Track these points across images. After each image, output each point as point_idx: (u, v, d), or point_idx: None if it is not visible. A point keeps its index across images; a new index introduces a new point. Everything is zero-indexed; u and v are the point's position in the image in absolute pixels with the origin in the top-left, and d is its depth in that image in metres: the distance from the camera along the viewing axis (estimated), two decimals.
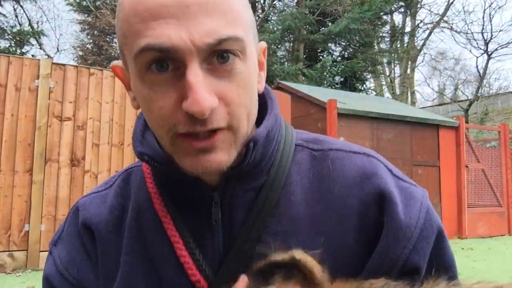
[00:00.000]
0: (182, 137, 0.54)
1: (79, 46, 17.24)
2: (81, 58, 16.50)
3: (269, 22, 14.71)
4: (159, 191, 0.65)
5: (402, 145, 7.18)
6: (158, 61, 0.52)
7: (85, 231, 0.67)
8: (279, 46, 15.37)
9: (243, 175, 0.61)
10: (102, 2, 14.45)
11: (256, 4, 15.14)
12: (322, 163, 0.65)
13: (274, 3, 15.79)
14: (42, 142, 5.06)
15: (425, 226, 0.59)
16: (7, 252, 4.80)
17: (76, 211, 0.70)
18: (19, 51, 15.86)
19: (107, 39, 16.66)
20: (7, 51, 14.35)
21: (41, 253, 4.93)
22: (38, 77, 5.12)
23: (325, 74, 13.63)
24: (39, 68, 5.13)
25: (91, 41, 16.94)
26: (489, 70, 21.29)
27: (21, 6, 17.11)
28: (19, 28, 16.90)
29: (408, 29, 19.96)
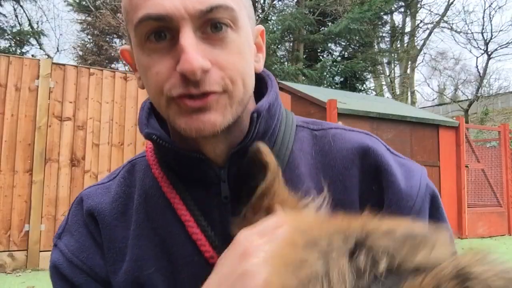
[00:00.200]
0: (177, 98, 0.57)
1: (79, 46, 17.24)
2: (81, 58, 16.50)
3: (269, 22, 14.71)
4: (165, 175, 0.66)
5: (402, 145, 7.18)
6: (156, 31, 0.56)
7: (90, 219, 0.68)
8: (279, 46, 15.37)
9: (247, 152, 0.63)
10: (102, 2, 14.45)
11: (256, 4, 15.14)
12: (323, 139, 0.69)
13: (274, 3, 15.79)
14: (42, 142, 5.06)
15: (425, 195, 0.63)
16: (7, 252, 4.80)
17: (80, 201, 0.71)
18: (19, 51, 15.87)
19: (107, 39, 16.67)
20: (7, 51, 14.35)
21: (41, 253, 4.93)
22: (38, 77, 5.12)
23: (325, 74, 13.63)
24: (39, 68, 5.13)
25: (91, 41, 16.94)
26: (489, 70, 21.30)
27: (21, 6, 17.11)
28: (19, 28, 16.91)
29: (408, 29, 19.97)
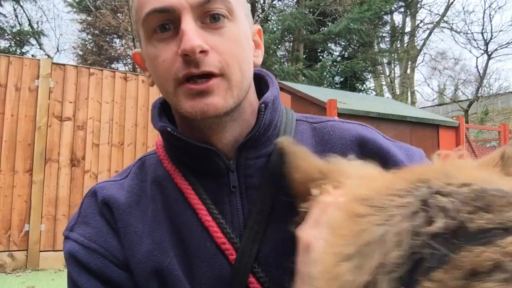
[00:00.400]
0: (182, 83, 0.62)
1: (79, 46, 17.25)
2: (81, 58, 16.51)
3: (269, 22, 14.71)
4: (177, 168, 0.71)
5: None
6: (161, 25, 0.63)
7: (106, 208, 0.70)
8: (279, 46, 15.37)
9: (254, 143, 0.68)
10: (102, 2, 14.45)
11: (256, 4, 15.13)
12: (322, 130, 0.73)
13: (274, 3, 15.79)
14: (42, 142, 5.06)
15: None
16: (7, 252, 4.80)
17: (94, 193, 0.73)
18: (19, 51, 15.87)
19: (107, 39, 16.67)
20: (7, 51, 14.35)
21: (41, 253, 4.93)
22: (38, 77, 5.12)
23: (325, 74, 13.64)
24: (39, 68, 5.13)
25: (91, 41, 16.94)
26: (489, 70, 21.31)
27: (21, 6, 17.11)
28: (19, 28, 16.91)
29: (408, 29, 19.97)
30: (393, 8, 17.44)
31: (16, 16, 17.32)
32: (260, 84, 0.75)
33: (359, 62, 14.31)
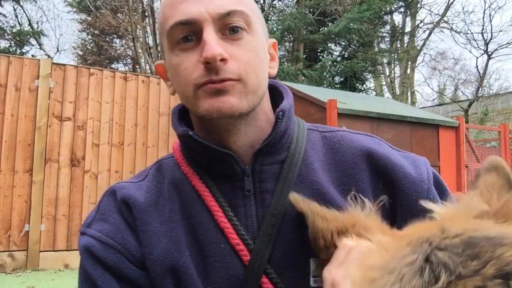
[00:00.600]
0: (201, 86, 0.67)
1: (79, 46, 17.25)
2: (81, 58, 16.50)
3: (269, 22, 14.71)
4: (194, 171, 0.74)
5: (402, 145, 7.18)
6: (184, 36, 0.68)
7: (125, 206, 0.72)
8: (279, 46, 15.32)
9: (270, 149, 0.72)
10: (102, 2, 14.45)
11: (256, 4, 15.11)
12: (333, 139, 0.77)
13: (274, 3, 15.80)
14: (42, 142, 5.06)
15: (433, 177, 0.73)
16: (7, 252, 4.80)
17: (113, 193, 0.75)
18: (19, 51, 15.87)
19: (107, 39, 16.66)
20: (7, 51, 14.36)
21: (41, 253, 4.93)
22: (38, 77, 5.12)
23: (325, 74, 13.63)
24: (39, 68, 5.13)
25: (91, 41, 16.94)
26: (489, 70, 21.26)
27: (21, 6, 17.11)
28: (19, 28, 16.91)
29: (408, 29, 19.96)
30: (393, 8, 17.43)
31: (16, 16, 17.32)
32: (275, 95, 0.79)
33: (359, 62, 14.29)
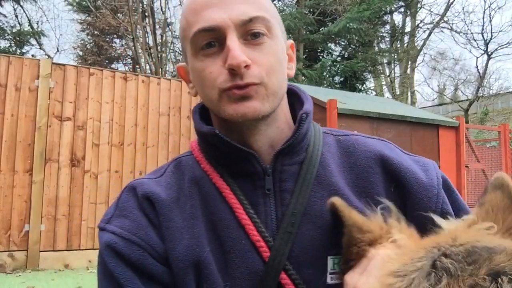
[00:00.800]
0: (225, 91, 0.69)
1: (79, 46, 17.24)
2: (81, 58, 16.50)
3: None
4: (214, 169, 0.76)
5: (402, 145, 7.12)
6: (207, 42, 0.70)
7: (147, 202, 0.73)
8: None
9: (291, 150, 0.74)
10: (102, 2, 14.45)
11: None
12: (347, 143, 0.80)
13: (274, 3, 15.78)
14: (42, 142, 5.06)
15: (442, 180, 0.76)
16: (7, 252, 4.80)
17: (133, 189, 0.75)
18: (19, 51, 15.87)
19: (107, 39, 16.66)
20: (7, 51, 14.36)
21: (41, 253, 4.93)
22: (38, 77, 5.12)
23: (325, 74, 13.63)
24: (39, 68, 5.14)
25: (91, 41, 16.94)
26: (489, 70, 21.27)
27: (21, 6, 17.12)
28: (19, 28, 16.91)
29: (408, 29, 19.96)
30: (393, 8, 17.43)
31: (16, 16, 17.33)
32: (291, 98, 0.82)
33: (359, 62, 14.28)
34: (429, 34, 20.42)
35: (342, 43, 15.72)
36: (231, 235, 0.70)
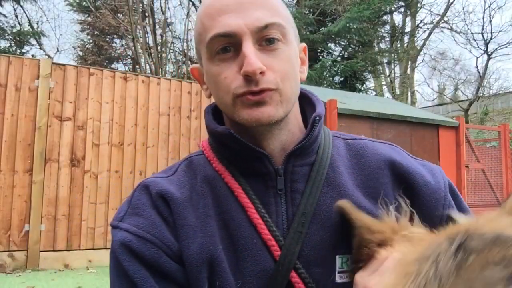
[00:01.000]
0: (241, 95, 0.70)
1: (79, 46, 17.24)
2: (81, 58, 16.50)
3: None
4: (226, 169, 0.77)
5: (402, 145, 7.11)
6: (223, 48, 0.71)
7: (161, 200, 0.73)
8: None
9: (302, 152, 0.76)
10: (102, 2, 14.45)
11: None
12: (356, 146, 0.82)
13: None
14: (42, 142, 5.06)
15: (448, 184, 0.78)
16: (7, 252, 4.80)
17: (146, 187, 0.75)
18: (19, 51, 15.87)
19: (107, 39, 16.66)
20: (7, 51, 14.36)
21: (41, 253, 4.93)
22: (38, 77, 5.12)
23: (325, 74, 13.63)
24: (39, 68, 5.14)
25: (91, 41, 16.94)
26: (489, 70, 21.25)
27: (21, 6, 17.11)
28: (19, 28, 16.90)
29: (408, 29, 19.96)
30: (393, 8, 17.42)
31: (16, 16, 17.31)
32: (302, 101, 0.83)
33: (359, 62, 14.28)
34: (429, 34, 20.42)
35: (342, 43, 15.72)
36: (243, 234, 0.71)
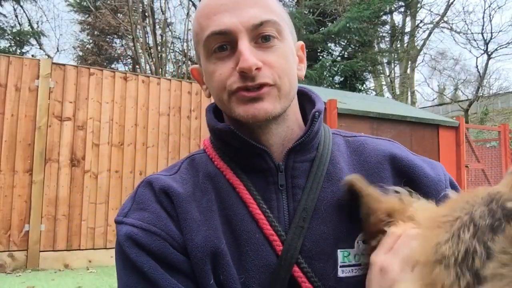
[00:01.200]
0: (236, 91, 0.71)
1: (79, 46, 17.25)
2: (81, 58, 16.51)
3: None
4: (227, 166, 0.78)
5: (402, 145, 7.16)
6: (219, 45, 0.72)
7: (164, 196, 0.74)
8: None
9: (302, 148, 0.77)
10: (102, 2, 14.45)
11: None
12: (356, 143, 0.83)
13: None
14: (42, 142, 5.06)
15: (449, 179, 0.79)
16: (7, 252, 4.80)
17: (149, 183, 0.76)
18: (19, 51, 15.88)
19: (107, 39, 16.67)
20: (7, 51, 14.36)
21: (41, 253, 4.93)
22: (38, 77, 5.12)
23: (325, 74, 13.63)
24: (39, 68, 5.13)
25: (91, 41, 16.94)
26: (489, 70, 21.27)
27: (21, 6, 17.12)
28: (19, 28, 16.91)
29: (408, 29, 19.96)
30: (393, 8, 17.43)
31: (16, 16, 17.32)
32: (301, 99, 0.84)
33: (359, 62, 14.28)
34: (429, 34, 20.43)
35: (342, 43, 15.72)
36: (246, 229, 0.72)
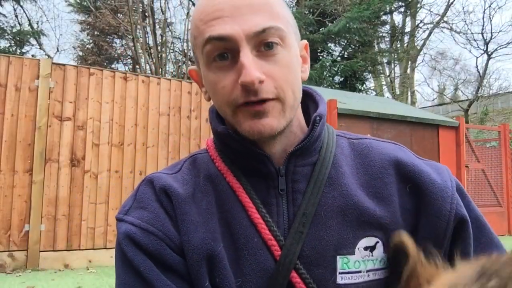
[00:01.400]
0: (240, 106, 0.69)
1: (79, 46, 17.25)
2: (81, 58, 16.51)
3: None
4: (229, 169, 0.76)
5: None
6: (219, 53, 0.69)
7: (164, 195, 0.74)
8: None
9: (303, 152, 0.75)
10: (102, 2, 14.45)
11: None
12: (360, 146, 0.81)
13: None
14: (42, 142, 5.06)
15: (455, 184, 0.76)
16: (7, 252, 4.80)
17: (150, 182, 0.76)
18: (19, 51, 15.88)
19: (107, 39, 16.67)
20: (7, 51, 14.36)
21: (41, 253, 4.93)
22: (38, 77, 5.12)
23: (325, 74, 13.63)
24: (39, 68, 5.13)
25: (91, 41, 16.94)
26: (489, 70, 21.27)
27: (21, 6, 17.12)
28: (19, 28, 16.91)
29: (408, 29, 19.96)
30: (393, 8, 17.42)
31: (16, 16, 17.32)
32: (307, 99, 0.82)
33: (359, 62, 14.27)
34: (429, 34, 20.43)
35: (342, 43, 15.71)
36: (244, 233, 0.72)
